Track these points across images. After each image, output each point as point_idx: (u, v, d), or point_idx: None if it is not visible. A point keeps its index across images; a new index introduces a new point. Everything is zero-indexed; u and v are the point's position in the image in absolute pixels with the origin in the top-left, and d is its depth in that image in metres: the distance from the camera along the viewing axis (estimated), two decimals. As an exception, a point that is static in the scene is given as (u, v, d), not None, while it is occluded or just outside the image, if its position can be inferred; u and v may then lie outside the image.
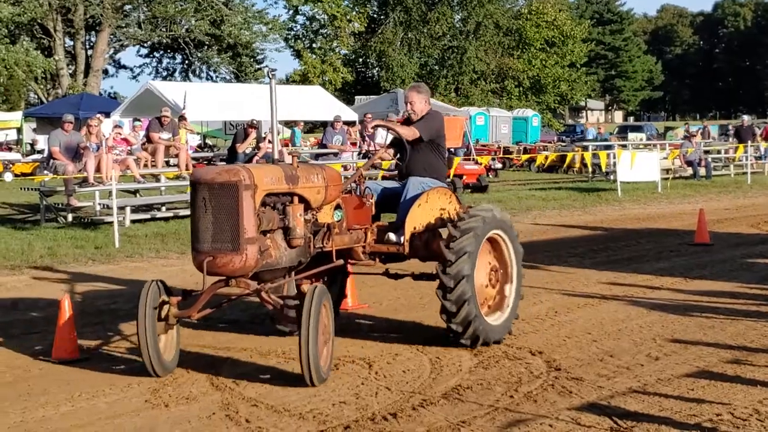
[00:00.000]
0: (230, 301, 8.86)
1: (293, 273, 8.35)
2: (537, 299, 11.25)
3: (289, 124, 40.21)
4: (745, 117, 43.23)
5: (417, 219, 8.78)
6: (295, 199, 8.04)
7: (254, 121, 24.26)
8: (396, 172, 9.76)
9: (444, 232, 8.88)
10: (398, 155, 9.41)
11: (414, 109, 9.26)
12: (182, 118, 26.78)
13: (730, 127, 50.19)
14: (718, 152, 36.94)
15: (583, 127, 52.98)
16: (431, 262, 8.85)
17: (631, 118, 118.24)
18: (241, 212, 7.32)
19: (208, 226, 7.41)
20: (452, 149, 29.06)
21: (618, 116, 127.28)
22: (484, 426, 6.49)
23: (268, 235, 7.78)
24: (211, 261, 7.39)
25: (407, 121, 9.40)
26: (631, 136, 50.03)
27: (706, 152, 34.55)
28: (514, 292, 9.16)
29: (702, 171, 31.65)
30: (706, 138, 39.82)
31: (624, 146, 35.28)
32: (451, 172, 25.73)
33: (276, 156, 8.47)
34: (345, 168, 23.02)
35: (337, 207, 8.70)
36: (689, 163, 31.90)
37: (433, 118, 9.39)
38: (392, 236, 8.86)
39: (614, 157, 27.96)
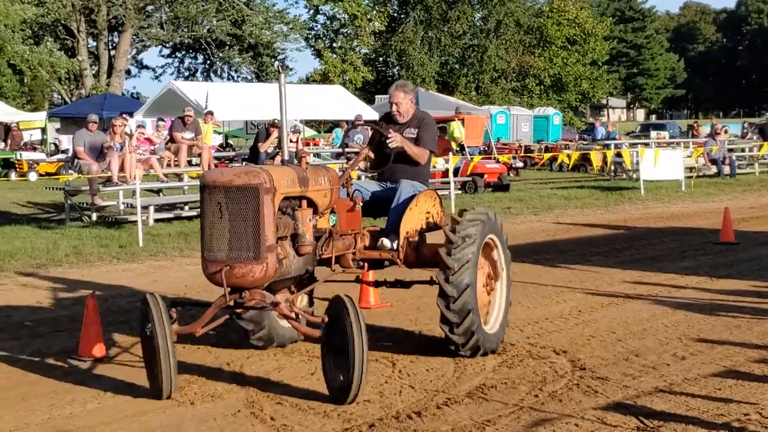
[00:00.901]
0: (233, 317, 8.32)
1: (293, 283, 7.95)
2: (560, 298, 11.22)
3: (311, 123, 40.28)
4: (770, 114, 42.97)
5: (409, 224, 8.40)
6: (304, 202, 7.61)
7: (276, 121, 24.27)
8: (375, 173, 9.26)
9: (429, 237, 8.71)
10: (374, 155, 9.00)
11: (400, 110, 8.94)
12: (209, 113, 26.87)
13: (745, 126, 49.94)
14: (742, 150, 36.72)
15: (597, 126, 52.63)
16: (417, 268, 8.58)
17: (653, 116, 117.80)
18: (261, 218, 6.86)
19: (223, 232, 6.93)
20: (479, 148, 29.04)
21: (640, 114, 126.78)
22: (510, 425, 6.46)
23: (279, 242, 7.26)
24: (228, 271, 6.91)
25: (390, 120, 9.05)
26: (653, 134, 49.83)
27: (730, 150, 34.35)
28: (506, 298, 8.70)
29: (726, 169, 31.48)
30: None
31: (646, 144, 35.12)
32: (469, 169, 25.80)
33: (286, 156, 8.16)
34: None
35: (332, 211, 8.13)
36: (713, 162, 31.72)
37: (430, 128, 9.07)
38: (386, 242, 8.43)
39: (638, 156, 27.80)
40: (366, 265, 8.67)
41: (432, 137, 8.98)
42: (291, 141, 23.93)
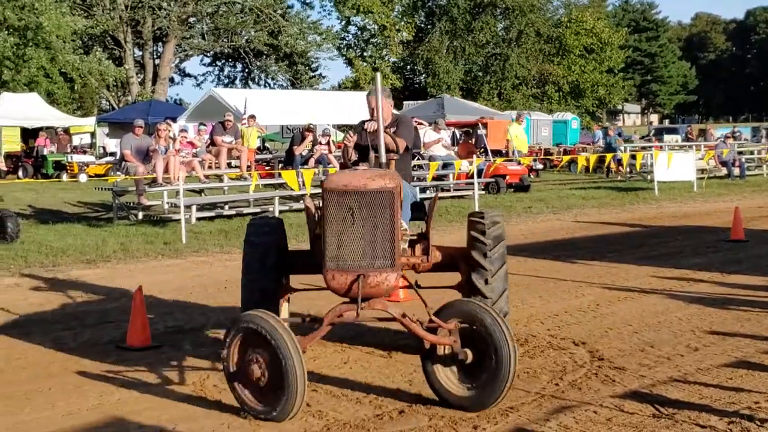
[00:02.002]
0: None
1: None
2: (579, 292, 11.18)
3: (342, 127, 40.35)
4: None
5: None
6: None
7: (310, 125, 24.37)
8: None
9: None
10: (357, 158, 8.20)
11: (375, 113, 7.94)
12: (252, 116, 26.94)
13: (762, 130, 49.60)
14: (752, 153, 36.46)
15: (616, 129, 52.04)
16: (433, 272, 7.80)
17: (666, 121, 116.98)
18: (396, 223, 6.20)
19: (355, 240, 6.16)
20: (502, 150, 28.95)
21: (654, 119, 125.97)
22: (532, 412, 6.45)
23: None
24: (362, 280, 6.19)
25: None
26: (666, 137, 49.56)
27: (740, 153, 34.13)
28: (507, 299, 7.83)
29: (736, 171, 31.28)
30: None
31: (661, 147, 34.91)
32: (491, 170, 25.75)
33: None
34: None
35: None
36: (724, 164, 31.52)
37: (408, 125, 8.59)
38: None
39: (652, 158, 27.66)
40: None
41: (410, 133, 8.42)
42: (321, 143, 23.99)
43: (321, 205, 6.36)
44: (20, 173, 32.52)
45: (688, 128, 50.80)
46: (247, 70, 58.43)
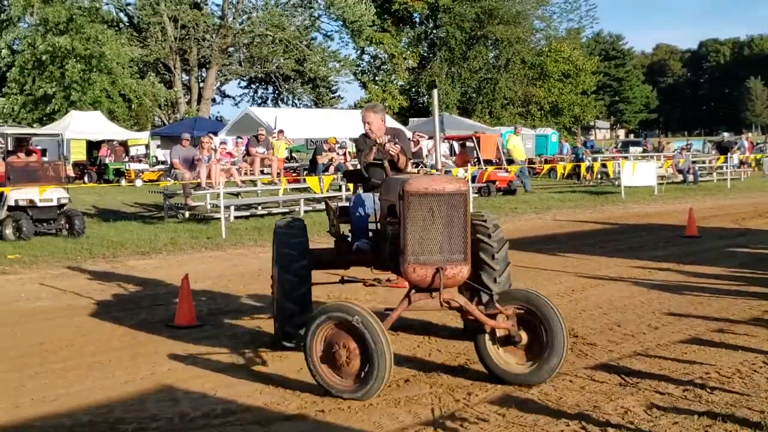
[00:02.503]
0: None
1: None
2: (557, 280, 11.15)
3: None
4: (725, 134, 42.53)
5: None
6: None
7: (332, 139, 24.44)
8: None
9: None
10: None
11: (372, 128, 7.74)
12: (281, 131, 26.93)
13: (707, 143, 49.51)
14: (704, 162, 36.35)
15: (582, 142, 51.68)
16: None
17: (632, 135, 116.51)
18: (467, 221, 6.02)
19: (435, 237, 5.94)
20: (493, 160, 28.85)
21: (621, 133, 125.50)
22: (517, 381, 6.43)
23: None
24: (441, 273, 5.95)
25: (367, 138, 7.82)
26: (631, 149, 49.40)
27: (694, 162, 34.04)
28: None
29: (690, 177, 31.19)
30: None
31: (625, 158, 34.80)
32: (484, 177, 25.68)
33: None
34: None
35: None
36: (680, 171, 31.43)
37: (405, 137, 8.22)
38: None
39: (619, 167, 27.60)
40: None
41: (407, 144, 8.10)
42: (338, 154, 23.99)
43: (400, 206, 6.02)
44: (85, 179, 32.57)
45: (644, 142, 50.91)
46: (277, 92, 58.33)
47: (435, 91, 7.48)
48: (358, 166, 7.98)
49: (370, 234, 7.47)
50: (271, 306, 7.94)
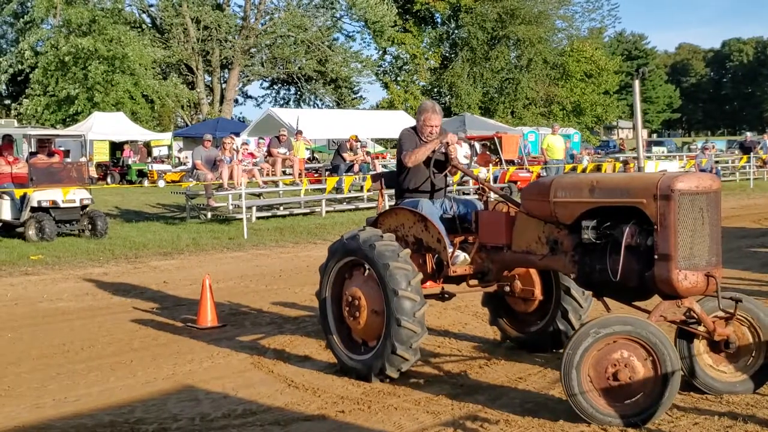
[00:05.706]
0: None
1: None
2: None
3: (380, 141, 40.50)
4: (748, 134, 42.12)
5: None
6: None
7: (354, 137, 24.48)
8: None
9: None
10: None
11: (434, 132, 7.06)
12: (299, 132, 27.02)
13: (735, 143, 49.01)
14: (726, 162, 36.06)
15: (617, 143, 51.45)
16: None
17: (654, 135, 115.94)
18: (720, 221, 5.58)
19: (704, 238, 5.43)
20: (514, 160, 28.74)
21: (644, 133, 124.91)
22: (537, 381, 6.41)
23: None
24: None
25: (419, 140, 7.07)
26: (654, 149, 49.11)
27: (717, 162, 33.76)
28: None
29: (713, 177, 30.86)
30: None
31: (648, 158, 34.56)
32: (506, 178, 25.57)
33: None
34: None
35: None
36: (702, 171, 31.14)
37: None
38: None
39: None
40: None
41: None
42: (362, 154, 24.01)
43: (659, 207, 5.39)
44: (108, 180, 32.76)
45: (700, 146, 49.83)
46: (299, 93, 58.41)
47: (636, 82, 6.56)
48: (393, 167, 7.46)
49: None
50: (324, 332, 6.90)
